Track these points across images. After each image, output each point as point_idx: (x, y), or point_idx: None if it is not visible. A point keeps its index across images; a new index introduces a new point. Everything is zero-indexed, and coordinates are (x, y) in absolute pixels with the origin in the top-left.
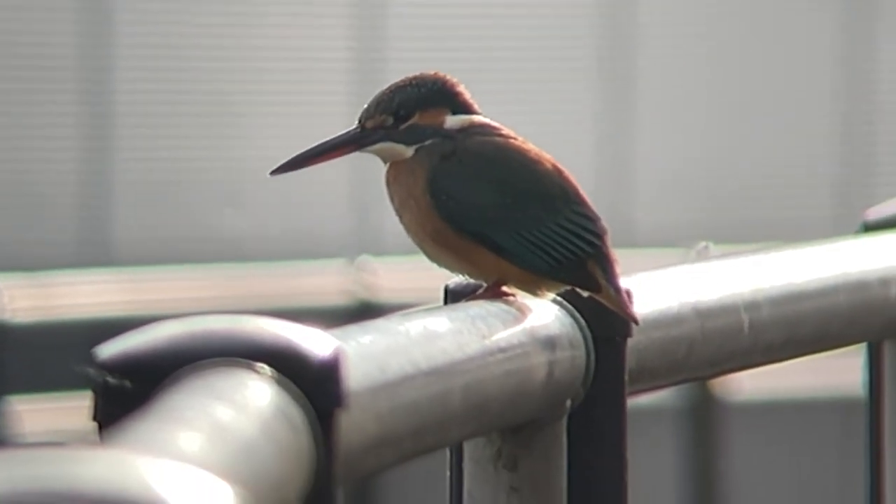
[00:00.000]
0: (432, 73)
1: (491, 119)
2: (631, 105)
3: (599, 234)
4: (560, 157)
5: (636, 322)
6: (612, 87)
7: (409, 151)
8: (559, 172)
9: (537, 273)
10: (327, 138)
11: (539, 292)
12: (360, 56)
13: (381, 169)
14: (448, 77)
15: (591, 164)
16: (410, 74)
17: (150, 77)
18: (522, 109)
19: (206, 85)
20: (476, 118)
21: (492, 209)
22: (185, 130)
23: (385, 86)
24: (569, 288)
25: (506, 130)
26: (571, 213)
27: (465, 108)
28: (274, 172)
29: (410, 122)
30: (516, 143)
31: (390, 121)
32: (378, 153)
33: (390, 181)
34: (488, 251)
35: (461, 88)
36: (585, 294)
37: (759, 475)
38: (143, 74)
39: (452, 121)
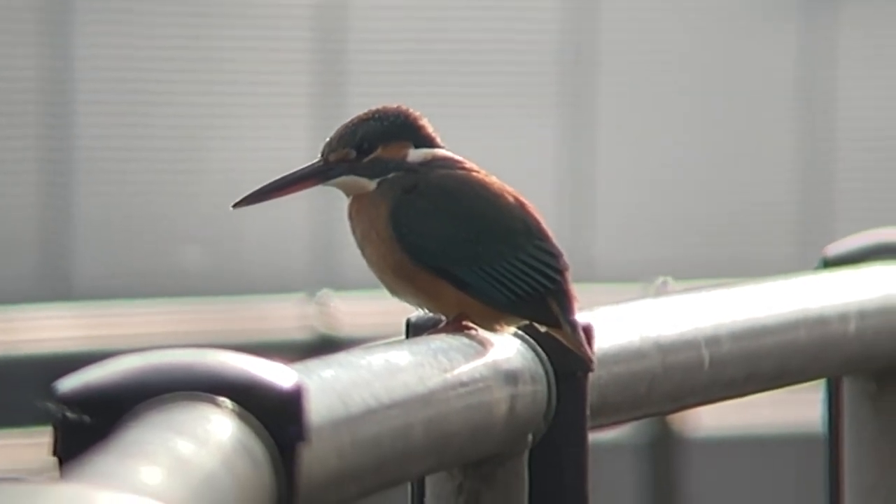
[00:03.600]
0: (395, 106)
1: (453, 152)
2: (592, 140)
3: (560, 270)
4: (520, 191)
5: (591, 361)
6: (573, 122)
7: (371, 185)
8: (522, 206)
9: (498, 308)
10: (290, 171)
11: (498, 327)
12: (322, 90)
13: (343, 203)
14: (410, 110)
15: (551, 199)
16: (373, 108)
17: (110, 112)
18: (483, 143)
19: (167, 120)
20: (439, 151)
21: (453, 243)
22: (145, 165)
23: (347, 119)
24: (528, 323)
25: (469, 164)
26: (533, 248)
27: (428, 142)
28: (236, 205)
29: (373, 155)
30: (479, 176)
31: (353, 154)
32: (341, 186)
33: (353, 214)
34: (449, 285)
35: (424, 122)
36: (543, 329)
37: None
38: (104, 109)
39: (415, 154)
